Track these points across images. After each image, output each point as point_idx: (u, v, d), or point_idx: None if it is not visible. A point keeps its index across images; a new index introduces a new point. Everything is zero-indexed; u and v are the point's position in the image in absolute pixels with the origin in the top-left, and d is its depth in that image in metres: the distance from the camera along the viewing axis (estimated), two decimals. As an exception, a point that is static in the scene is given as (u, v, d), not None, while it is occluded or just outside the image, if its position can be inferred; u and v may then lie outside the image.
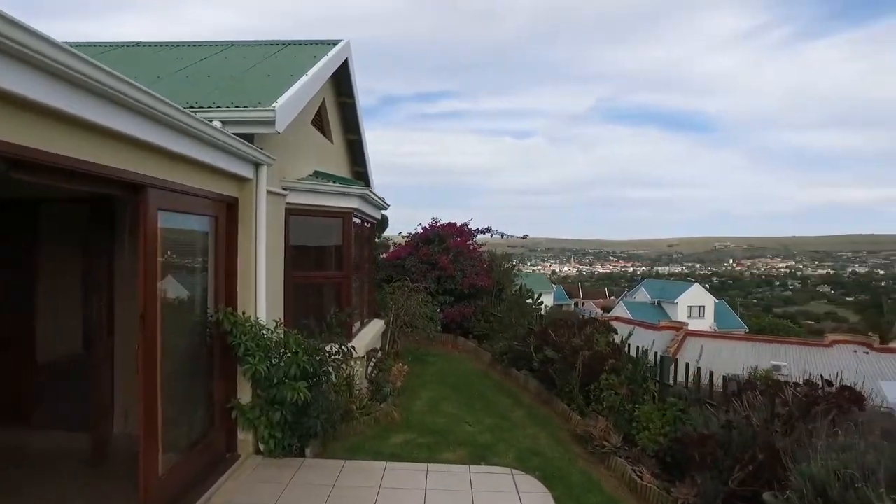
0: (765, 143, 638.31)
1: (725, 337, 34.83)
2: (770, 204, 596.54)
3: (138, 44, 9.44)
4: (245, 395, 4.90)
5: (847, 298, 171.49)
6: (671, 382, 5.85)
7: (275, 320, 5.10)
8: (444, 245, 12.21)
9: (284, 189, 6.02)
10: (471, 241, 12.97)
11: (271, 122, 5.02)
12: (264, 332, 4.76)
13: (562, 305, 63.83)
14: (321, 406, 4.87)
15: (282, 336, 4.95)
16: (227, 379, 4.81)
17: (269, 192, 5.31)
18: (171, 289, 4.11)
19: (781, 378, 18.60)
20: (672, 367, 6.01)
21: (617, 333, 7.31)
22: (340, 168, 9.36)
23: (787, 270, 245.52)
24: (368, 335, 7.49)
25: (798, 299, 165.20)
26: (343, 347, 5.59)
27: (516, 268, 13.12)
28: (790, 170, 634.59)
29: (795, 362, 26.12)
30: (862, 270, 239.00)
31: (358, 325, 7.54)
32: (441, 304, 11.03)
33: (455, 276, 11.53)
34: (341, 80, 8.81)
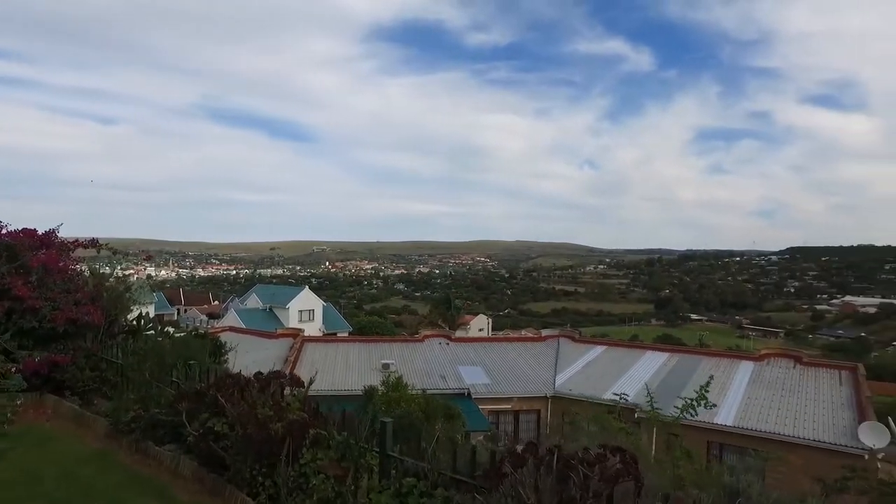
0: (354, 158, 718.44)
1: (339, 340, 36.52)
2: (358, 212, 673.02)
3: None
4: None
5: (416, 294, 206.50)
6: (395, 452, 4.69)
7: None
8: (20, 262, 8.38)
9: None
10: (63, 258, 9.34)
11: None
12: None
13: (163, 315, 56.89)
14: None
15: None
16: None
17: None
18: None
19: (390, 371, 19.65)
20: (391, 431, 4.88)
21: (304, 387, 5.79)
22: None
23: (373, 271, 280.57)
24: None
25: (381, 296, 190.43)
26: None
27: (133, 289, 10.05)
28: (373, 184, 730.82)
29: (400, 358, 28.97)
30: (425, 270, 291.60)
31: None
32: (15, 352, 7.41)
33: (41, 310, 7.98)
34: None
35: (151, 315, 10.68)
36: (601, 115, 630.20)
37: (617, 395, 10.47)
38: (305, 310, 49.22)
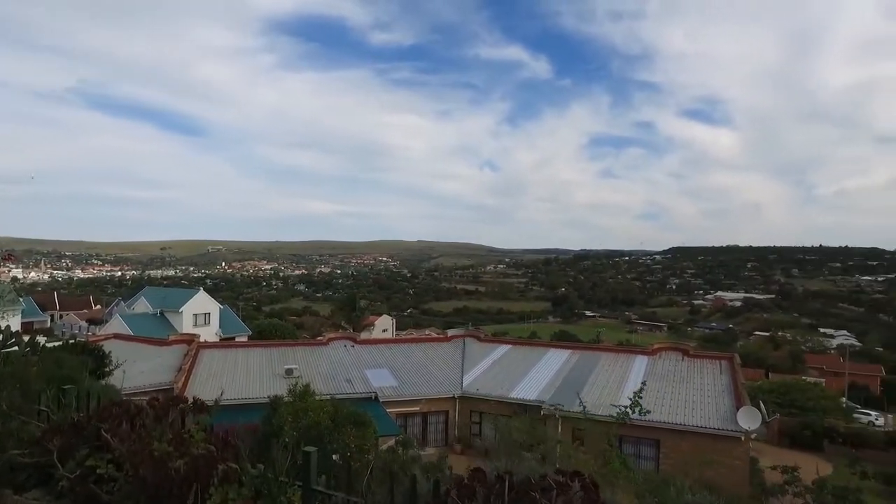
0: (252, 154, 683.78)
1: (238, 345, 34.48)
2: (256, 210, 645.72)
3: None
4: None
5: (317, 295, 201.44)
6: (321, 486, 4.08)
7: None
8: None
9: None
10: None
11: None
12: None
13: (33, 323, 50.99)
14: None
15: None
16: None
17: None
18: None
19: (294, 377, 18.43)
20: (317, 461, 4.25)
21: (209, 413, 4.98)
22: None
23: (272, 271, 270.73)
24: None
25: (281, 297, 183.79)
26: None
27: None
28: (272, 181, 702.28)
29: (304, 362, 27.82)
30: (326, 270, 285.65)
31: None
32: None
33: None
34: None
35: (18, 325, 9.21)
36: (501, 118, 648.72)
37: (548, 404, 10.39)
38: (201, 313, 46.08)
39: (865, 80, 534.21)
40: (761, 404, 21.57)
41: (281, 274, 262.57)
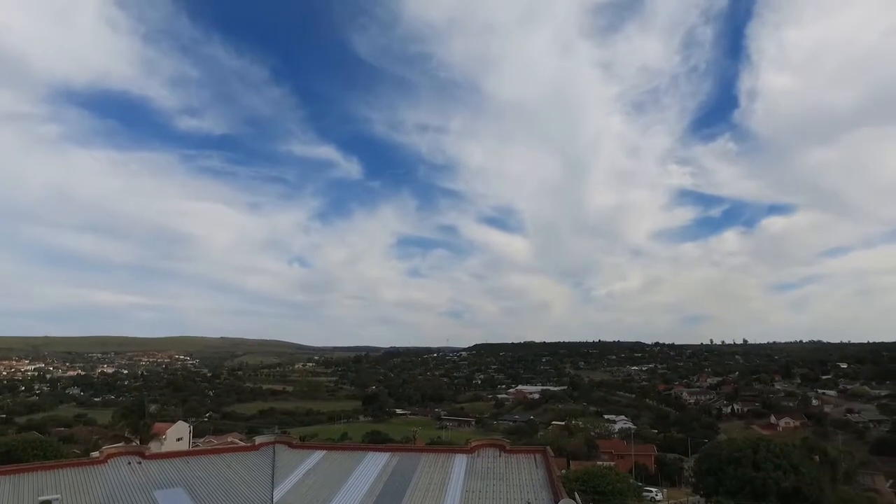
0: (15, 233, 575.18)
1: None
2: (16, 300, 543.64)
3: None
4: None
5: (96, 399, 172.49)
6: None
7: None
8: None
9: None
10: None
11: None
12: None
13: None
14: None
15: None
16: None
17: None
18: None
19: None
20: None
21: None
22: None
23: (36, 373, 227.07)
24: None
25: (46, 404, 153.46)
26: None
27: None
28: (43, 267, 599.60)
29: (72, 489, 22.71)
30: (110, 370, 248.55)
31: None
32: None
33: None
34: None
35: None
36: (312, 214, 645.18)
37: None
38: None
39: (619, 203, 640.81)
40: (576, 495, 22.51)
41: (48, 376, 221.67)
